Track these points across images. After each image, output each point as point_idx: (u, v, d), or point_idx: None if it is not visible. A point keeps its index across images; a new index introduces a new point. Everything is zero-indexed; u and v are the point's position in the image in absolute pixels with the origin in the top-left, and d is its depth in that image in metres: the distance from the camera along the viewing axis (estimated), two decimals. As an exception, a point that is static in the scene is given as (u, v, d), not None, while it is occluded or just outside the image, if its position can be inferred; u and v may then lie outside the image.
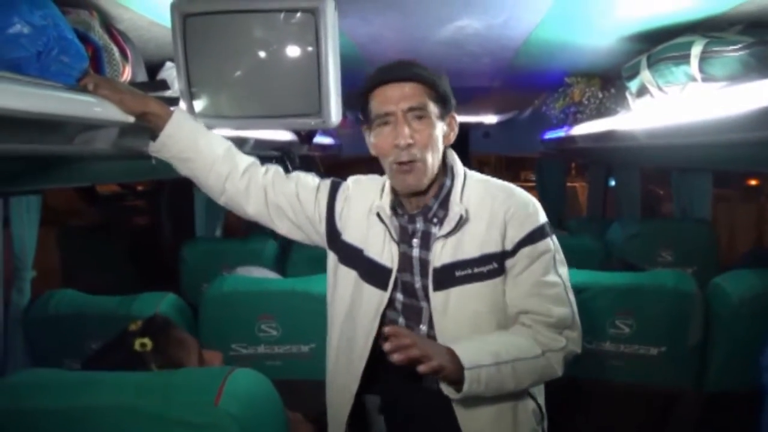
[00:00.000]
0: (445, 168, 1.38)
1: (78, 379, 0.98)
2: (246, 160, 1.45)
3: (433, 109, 1.30)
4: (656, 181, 5.07)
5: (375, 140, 1.34)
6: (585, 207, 5.16)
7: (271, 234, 3.34)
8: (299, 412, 1.44)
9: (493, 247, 1.32)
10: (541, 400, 1.42)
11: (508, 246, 1.32)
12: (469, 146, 5.03)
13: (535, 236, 1.32)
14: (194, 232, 3.49)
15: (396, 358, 1.14)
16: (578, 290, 1.45)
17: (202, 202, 3.47)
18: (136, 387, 0.91)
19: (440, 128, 1.33)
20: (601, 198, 4.84)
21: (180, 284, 2.99)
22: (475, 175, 1.41)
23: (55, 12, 1.08)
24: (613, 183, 4.59)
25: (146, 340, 1.22)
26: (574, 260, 1.50)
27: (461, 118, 1.42)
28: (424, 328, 1.36)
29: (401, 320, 1.38)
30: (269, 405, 0.97)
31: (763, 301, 1.92)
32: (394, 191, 1.39)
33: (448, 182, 1.37)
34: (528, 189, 1.43)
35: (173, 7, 1.38)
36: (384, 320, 1.37)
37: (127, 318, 1.55)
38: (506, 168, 9.17)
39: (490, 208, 1.33)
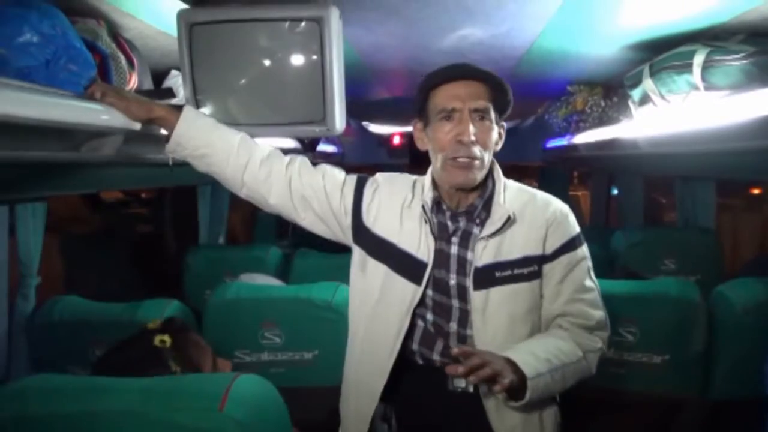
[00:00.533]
0: (487, 172, 1.40)
1: (84, 384, 0.98)
2: (265, 149, 1.45)
3: (492, 113, 1.34)
4: (659, 190, 5.06)
5: (434, 134, 1.37)
6: (588, 215, 5.15)
7: (276, 239, 3.35)
8: (303, 419, 1.44)
9: (534, 251, 1.36)
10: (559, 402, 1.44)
11: (548, 251, 1.36)
12: None
13: (574, 244, 1.38)
14: (198, 240, 3.49)
15: (472, 380, 1.17)
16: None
17: (206, 209, 3.48)
18: (143, 392, 0.91)
19: (495, 132, 1.37)
20: (604, 206, 4.82)
21: (183, 291, 2.99)
22: (512, 182, 1.45)
23: (63, 21, 1.10)
24: (615, 191, 4.58)
25: (166, 337, 1.25)
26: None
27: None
28: (453, 326, 1.36)
29: (430, 316, 1.38)
30: (274, 411, 0.97)
31: (767, 309, 1.92)
32: (436, 187, 1.41)
33: (490, 185, 1.41)
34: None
35: (180, 16, 1.40)
36: (414, 317, 1.37)
37: (132, 325, 1.56)
38: (507, 175, 9.14)
39: (532, 212, 1.38)
